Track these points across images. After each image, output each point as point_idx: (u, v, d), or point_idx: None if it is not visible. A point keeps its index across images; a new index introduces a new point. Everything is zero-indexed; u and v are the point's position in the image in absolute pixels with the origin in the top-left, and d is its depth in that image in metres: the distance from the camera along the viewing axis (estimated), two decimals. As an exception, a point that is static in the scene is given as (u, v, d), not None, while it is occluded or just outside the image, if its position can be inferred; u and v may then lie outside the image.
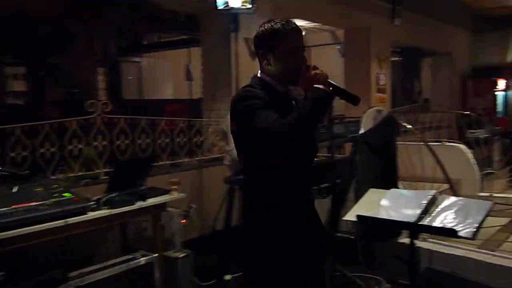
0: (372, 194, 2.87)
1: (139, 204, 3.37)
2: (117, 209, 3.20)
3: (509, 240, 5.52)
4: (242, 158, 2.02)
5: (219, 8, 4.67)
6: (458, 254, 3.94)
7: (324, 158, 4.27)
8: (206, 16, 5.37)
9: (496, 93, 12.23)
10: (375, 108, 3.89)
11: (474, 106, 11.21)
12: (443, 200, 2.56)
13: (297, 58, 1.97)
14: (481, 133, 8.17)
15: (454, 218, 2.35)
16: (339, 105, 10.24)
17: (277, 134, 1.77)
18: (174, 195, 3.72)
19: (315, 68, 1.91)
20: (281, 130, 1.77)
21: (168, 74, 11.65)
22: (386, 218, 2.48)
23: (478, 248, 4.06)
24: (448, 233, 2.31)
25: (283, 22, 1.97)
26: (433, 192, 2.65)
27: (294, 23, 2.00)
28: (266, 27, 1.99)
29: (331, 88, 1.88)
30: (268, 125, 1.78)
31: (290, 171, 1.97)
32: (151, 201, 3.49)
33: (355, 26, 7.98)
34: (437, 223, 2.34)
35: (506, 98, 12.54)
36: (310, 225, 2.07)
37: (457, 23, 10.82)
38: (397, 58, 10.07)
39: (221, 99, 5.37)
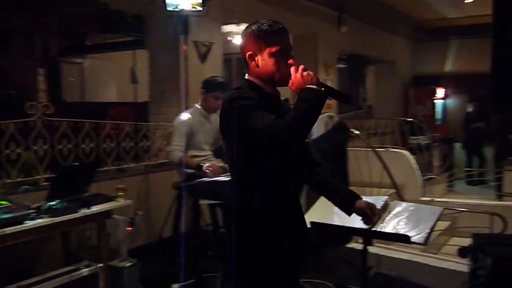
0: (324, 200, 2.86)
1: (83, 211, 3.21)
2: (59, 218, 3.03)
3: (449, 243, 5.73)
4: (233, 161, 1.96)
5: (168, 9, 4.55)
6: (404, 258, 4.02)
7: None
8: (154, 17, 5.24)
9: (435, 101, 12.74)
10: (326, 114, 3.91)
11: (415, 113, 11.61)
12: (394, 206, 2.58)
13: (285, 58, 1.95)
14: (422, 140, 8.45)
15: (406, 224, 2.37)
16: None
17: (275, 134, 1.74)
18: (120, 202, 3.58)
19: (305, 69, 1.89)
20: (278, 131, 1.73)
21: (112, 76, 11.32)
22: (340, 224, 2.47)
23: (422, 251, 4.16)
24: (401, 239, 2.33)
25: (269, 23, 1.96)
26: (385, 198, 2.67)
27: (281, 24, 1.99)
28: (253, 28, 1.96)
29: (323, 89, 1.86)
30: (266, 126, 1.74)
31: (286, 174, 1.95)
32: (95, 208, 3.33)
33: (303, 33, 8.06)
34: (390, 229, 2.35)
35: (444, 106, 13.09)
36: (301, 228, 2.07)
37: (400, 33, 11.19)
38: (343, 65, 10.27)
39: (169, 103, 5.25)
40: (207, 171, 3.76)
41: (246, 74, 2.02)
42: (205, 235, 4.39)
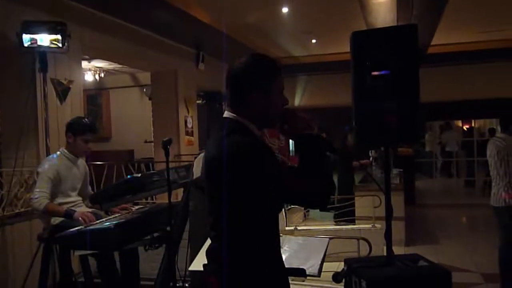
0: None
1: None
2: None
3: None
4: (217, 214, 1.78)
5: (25, 45, 4.22)
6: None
7: (154, 205, 4.12)
8: (7, 54, 4.79)
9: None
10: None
11: (270, 145, 12.16)
12: (283, 240, 2.67)
13: (283, 98, 1.83)
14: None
15: (298, 258, 2.46)
16: (142, 148, 10.22)
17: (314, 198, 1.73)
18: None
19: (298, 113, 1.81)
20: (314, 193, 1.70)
21: None
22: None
23: (300, 281, 4.31)
24: (297, 272, 2.40)
25: (273, 58, 1.82)
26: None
27: (280, 62, 1.86)
28: (256, 62, 1.79)
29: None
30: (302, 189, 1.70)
31: (274, 220, 1.83)
32: None
33: (163, 70, 8.04)
34: (286, 264, 2.41)
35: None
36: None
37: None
38: (201, 101, 10.43)
39: (26, 146, 4.78)
40: (80, 219, 3.51)
41: (229, 113, 1.80)
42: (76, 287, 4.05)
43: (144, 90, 10.19)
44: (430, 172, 14.95)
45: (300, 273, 2.36)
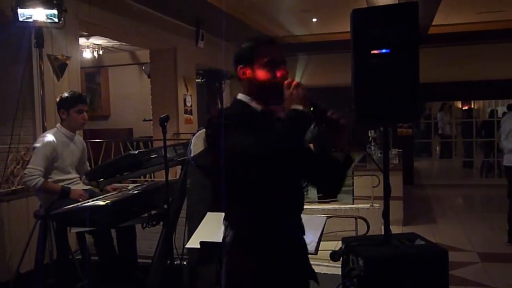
0: (210, 218, 2.83)
1: None
2: None
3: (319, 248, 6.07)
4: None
5: (20, 20, 4.15)
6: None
7: (152, 183, 4.11)
8: (2, 29, 4.72)
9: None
10: (204, 130, 3.86)
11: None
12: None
13: (273, 72, 1.85)
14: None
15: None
16: (141, 126, 10.18)
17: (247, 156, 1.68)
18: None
19: (299, 85, 1.78)
20: (249, 151, 1.67)
21: None
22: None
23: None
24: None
25: (258, 36, 1.94)
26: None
27: (273, 37, 1.95)
28: (244, 44, 1.94)
29: (312, 109, 1.77)
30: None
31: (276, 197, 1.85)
32: None
33: (161, 47, 7.95)
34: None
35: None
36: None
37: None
38: (200, 80, 10.35)
39: (22, 123, 4.75)
40: (76, 196, 3.52)
41: (239, 94, 1.94)
42: (73, 265, 4.06)
43: (143, 68, 10.10)
44: (429, 153, 14.95)
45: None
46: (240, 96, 1.93)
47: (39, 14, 4.18)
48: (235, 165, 1.73)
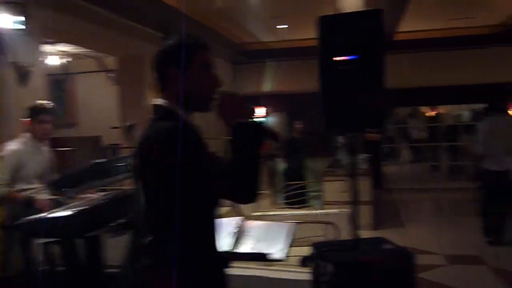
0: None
1: None
2: None
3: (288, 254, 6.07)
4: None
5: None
6: (248, 274, 4.13)
7: (119, 192, 4.03)
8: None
9: (255, 119, 13.49)
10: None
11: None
12: (248, 226, 2.65)
13: (211, 77, 1.77)
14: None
15: (264, 242, 2.45)
16: (112, 134, 10.02)
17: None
18: None
19: (235, 94, 1.73)
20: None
21: None
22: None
23: (265, 265, 4.33)
24: (262, 258, 2.38)
25: (194, 37, 1.77)
26: (238, 219, 2.71)
27: (205, 39, 1.79)
28: (174, 42, 1.75)
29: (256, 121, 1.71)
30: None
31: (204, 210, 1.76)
32: None
33: (128, 54, 7.86)
34: (251, 250, 2.40)
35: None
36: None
37: (220, 55, 11.62)
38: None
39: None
40: (41, 206, 3.44)
41: (159, 99, 1.75)
42: (38, 276, 3.95)
43: (111, 75, 9.97)
44: (397, 157, 15.21)
45: (261, 258, 2.33)
46: (161, 101, 1.75)
47: (1, 20, 4.09)
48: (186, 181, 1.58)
